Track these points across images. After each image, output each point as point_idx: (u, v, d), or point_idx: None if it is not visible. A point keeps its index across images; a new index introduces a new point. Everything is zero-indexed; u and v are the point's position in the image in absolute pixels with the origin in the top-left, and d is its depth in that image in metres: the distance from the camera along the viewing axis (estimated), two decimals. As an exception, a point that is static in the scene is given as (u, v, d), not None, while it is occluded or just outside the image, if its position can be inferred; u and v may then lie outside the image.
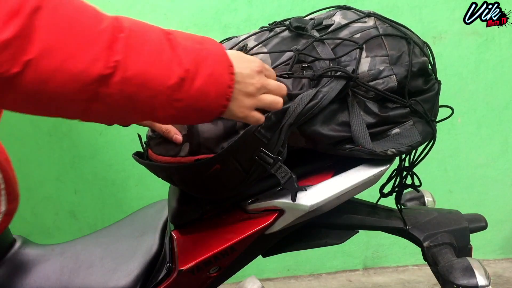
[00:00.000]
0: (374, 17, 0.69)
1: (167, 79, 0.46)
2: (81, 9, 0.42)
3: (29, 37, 0.38)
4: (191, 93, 0.48)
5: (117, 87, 0.43)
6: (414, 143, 0.66)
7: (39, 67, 0.39)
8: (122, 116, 0.48)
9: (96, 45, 0.41)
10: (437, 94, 0.70)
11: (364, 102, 0.64)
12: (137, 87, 0.44)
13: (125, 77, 0.43)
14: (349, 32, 0.67)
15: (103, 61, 0.41)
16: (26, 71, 0.38)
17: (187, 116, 0.51)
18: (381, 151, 0.65)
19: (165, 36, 0.48)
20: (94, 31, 0.41)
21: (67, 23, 0.40)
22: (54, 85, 0.40)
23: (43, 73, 0.39)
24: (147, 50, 0.44)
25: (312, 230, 0.80)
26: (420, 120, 0.67)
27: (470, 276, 0.68)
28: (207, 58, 0.49)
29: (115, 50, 0.42)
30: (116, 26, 0.43)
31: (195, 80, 0.48)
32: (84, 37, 0.40)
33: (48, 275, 0.74)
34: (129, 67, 0.43)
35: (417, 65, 0.66)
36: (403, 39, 0.67)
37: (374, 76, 0.64)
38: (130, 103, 0.45)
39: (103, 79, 0.41)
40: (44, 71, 0.39)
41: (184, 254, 0.69)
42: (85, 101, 0.42)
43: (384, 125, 0.65)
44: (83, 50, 0.40)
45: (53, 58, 0.39)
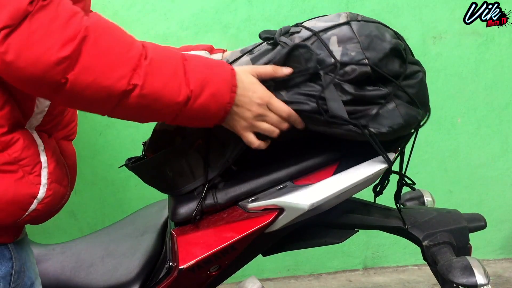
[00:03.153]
0: (346, 14, 0.70)
1: (175, 97, 0.58)
2: (117, 38, 0.55)
3: (76, 58, 0.50)
4: (194, 107, 0.59)
5: (135, 100, 0.55)
6: (395, 124, 0.66)
7: (79, 80, 0.51)
8: (138, 118, 0.61)
9: (124, 67, 0.53)
10: (421, 82, 0.70)
11: (340, 85, 0.65)
12: (151, 101, 0.57)
13: (142, 94, 0.55)
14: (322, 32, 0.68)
15: (127, 80, 0.53)
16: (69, 82, 0.51)
17: (191, 122, 0.64)
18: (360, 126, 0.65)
19: (182, 61, 0.59)
20: (124, 56, 0.54)
21: (105, 49, 0.52)
22: (89, 93, 0.53)
23: (82, 85, 0.52)
24: (163, 74, 0.57)
25: (312, 229, 0.81)
26: (404, 104, 0.67)
27: (469, 275, 0.68)
28: (212, 80, 0.60)
29: (138, 72, 0.54)
30: (142, 54, 0.55)
31: (199, 98, 0.59)
32: (115, 61, 0.53)
33: (49, 275, 0.75)
34: (146, 87, 0.55)
35: (389, 45, 0.65)
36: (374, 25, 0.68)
37: (346, 62, 0.64)
38: (145, 111, 0.58)
39: (125, 93, 0.54)
40: (83, 83, 0.52)
41: (185, 253, 0.69)
42: (111, 106, 0.56)
43: (361, 105, 0.65)
44: (113, 70, 0.53)
45: (89, 75, 0.51)
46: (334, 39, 0.66)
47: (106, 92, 0.53)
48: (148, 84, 0.55)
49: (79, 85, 0.51)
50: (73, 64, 0.50)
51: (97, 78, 0.52)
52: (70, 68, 0.50)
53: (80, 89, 0.52)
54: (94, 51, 0.51)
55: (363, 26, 0.67)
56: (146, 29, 1.58)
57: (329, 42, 0.66)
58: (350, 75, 0.64)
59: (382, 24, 0.69)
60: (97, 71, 0.51)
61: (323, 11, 1.61)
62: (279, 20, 1.62)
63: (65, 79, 0.50)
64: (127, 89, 0.53)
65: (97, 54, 0.51)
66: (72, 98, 0.54)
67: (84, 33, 0.50)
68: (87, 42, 0.50)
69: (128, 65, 0.53)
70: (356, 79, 0.64)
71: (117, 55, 0.53)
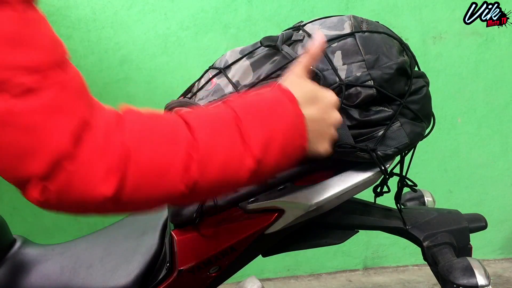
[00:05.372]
0: (350, 21, 0.67)
1: (240, 175, 0.49)
2: (159, 139, 0.45)
3: (122, 186, 0.42)
4: (264, 170, 0.51)
5: (196, 194, 0.48)
6: (401, 145, 0.66)
7: (130, 201, 0.44)
8: None
9: (173, 170, 0.45)
10: (425, 97, 0.69)
11: (345, 110, 0.64)
12: (215, 190, 0.51)
13: (201, 188, 0.47)
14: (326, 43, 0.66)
15: (183, 184, 0.46)
16: (119, 207, 0.45)
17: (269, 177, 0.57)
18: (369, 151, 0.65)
19: (235, 124, 0.50)
20: (171, 161, 0.45)
21: (150, 160, 0.44)
22: (145, 206, 0.48)
23: (134, 203, 0.45)
24: (219, 157, 0.48)
25: (312, 230, 0.80)
26: (408, 121, 0.67)
27: (470, 276, 0.68)
28: (277, 135, 0.51)
29: (190, 169, 0.46)
30: (188, 143, 0.46)
31: (265, 161, 0.50)
32: (162, 167, 0.45)
33: (48, 275, 0.74)
34: (203, 178, 0.47)
35: (395, 65, 0.64)
36: (380, 42, 0.66)
37: (351, 84, 0.63)
38: (210, 195, 0.56)
39: (183, 193, 0.46)
40: (134, 201, 0.45)
41: (184, 254, 0.69)
42: None
43: (366, 128, 0.65)
44: (163, 178, 0.45)
45: (140, 192, 0.44)
46: (338, 54, 0.65)
47: (162, 200, 0.47)
48: (205, 175, 0.47)
49: (129, 204, 0.45)
50: (121, 190, 0.42)
51: (149, 193, 0.45)
52: (117, 195, 0.43)
53: (131, 206, 0.46)
54: (138, 167, 0.43)
55: (368, 39, 0.65)
56: (146, 29, 1.58)
57: (334, 57, 0.65)
58: (355, 100, 0.63)
59: (388, 34, 0.68)
60: (147, 186, 0.44)
61: (323, 11, 1.62)
62: (279, 20, 1.61)
63: (113, 203, 0.43)
64: (185, 192, 0.46)
65: (142, 169, 0.44)
66: (126, 210, 0.48)
67: (125, 152, 0.42)
68: (128, 162, 0.43)
69: (178, 165, 0.45)
70: (362, 102, 0.64)
71: (164, 161, 0.45)
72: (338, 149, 0.64)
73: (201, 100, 0.71)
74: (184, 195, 0.46)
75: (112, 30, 1.57)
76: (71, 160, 0.40)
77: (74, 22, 1.54)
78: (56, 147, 0.39)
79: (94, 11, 1.55)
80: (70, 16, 1.54)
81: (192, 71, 1.60)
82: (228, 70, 0.72)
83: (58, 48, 0.43)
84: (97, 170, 0.41)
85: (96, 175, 0.41)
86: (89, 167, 0.41)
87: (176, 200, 0.48)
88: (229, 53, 0.76)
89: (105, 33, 1.57)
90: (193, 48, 1.61)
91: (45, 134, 0.39)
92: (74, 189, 0.41)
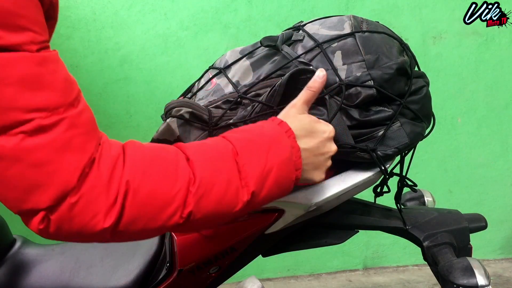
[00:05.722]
0: (350, 21, 0.67)
1: (234, 207, 0.51)
2: (160, 175, 0.47)
3: (120, 218, 0.44)
4: (257, 202, 0.53)
5: (190, 225, 0.49)
6: (401, 145, 0.66)
7: (126, 233, 0.45)
8: None
9: (172, 205, 0.47)
10: (425, 97, 0.69)
11: (345, 110, 0.64)
12: (208, 222, 0.51)
13: (196, 219, 0.49)
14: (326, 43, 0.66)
15: (178, 215, 0.47)
16: (115, 237, 0.46)
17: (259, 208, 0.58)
18: (370, 151, 0.65)
19: (234, 159, 0.51)
20: (170, 193, 0.47)
21: (149, 195, 0.45)
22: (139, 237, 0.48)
23: (129, 233, 0.46)
24: (216, 191, 0.49)
25: (312, 230, 0.80)
26: (408, 121, 0.67)
27: (470, 276, 0.68)
28: (272, 169, 0.53)
29: (188, 203, 0.47)
30: (190, 180, 0.48)
31: (260, 194, 0.52)
32: (162, 203, 0.46)
33: (48, 275, 0.74)
34: (199, 212, 0.48)
35: (395, 65, 0.64)
36: (380, 42, 0.66)
37: (351, 84, 0.63)
38: (203, 227, 0.55)
39: (177, 225, 0.48)
40: (130, 232, 0.46)
41: (184, 254, 0.69)
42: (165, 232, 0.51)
43: (366, 128, 0.65)
44: (161, 212, 0.46)
45: (136, 225, 0.45)
46: (338, 54, 0.65)
47: (157, 231, 0.48)
48: (201, 209, 0.48)
49: (125, 234, 0.46)
50: (118, 224, 0.44)
51: (145, 225, 0.46)
52: (115, 228, 0.44)
53: (127, 237, 0.47)
54: (137, 203, 0.45)
55: (368, 39, 0.65)
56: (146, 29, 1.58)
57: (334, 57, 0.65)
58: (355, 100, 0.63)
59: (388, 34, 0.68)
60: (144, 219, 0.45)
61: (323, 11, 1.62)
62: (279, 20, 1.62)
63: (110, 235, 0.45)
64: (179, 223, 0.48)
65: (141, 204, 0.45)
66: (121, 240, 0.48)
67: (125, 188, 0.44)
68: (129, 197, 0.44)
69: (177, 201, 0.47)
70: (362, 102, 0.63)
71: (163, 195, 0.46)
72: (338, 149, 0.64)
73: (201, 100, 0.71)
74: (178, 225, 0.48)
75: (112, 30, 1.57)
76: (74, 194, 0.41)
77: (74, 22, 1.54)
78: (63, 182, 0.41)
79: (94, 11, 1.55)
80: (70, 16, 1.54)
81: (192, 71, 1.60)
82: (228, 70, 0.72)
83: (71, 87, 0.44)
84: (97, 204, 0.42)
85: (96, 209, 0.42)
86: (90, 201, 0.42)
87: (170, 230, 0.49)
88: (229, 53, 0.76)
89: (105, 33, 1.57)
90: (193, 48, 1.61)
91: (53, 170, 0.40)
92: (74, 221, 0.42)
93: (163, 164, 0.47)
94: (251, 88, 0.66)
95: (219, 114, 0.65)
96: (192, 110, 0.65)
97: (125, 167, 0.45)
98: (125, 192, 0.44)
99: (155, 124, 1.60)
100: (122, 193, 0.43)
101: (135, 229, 0.46)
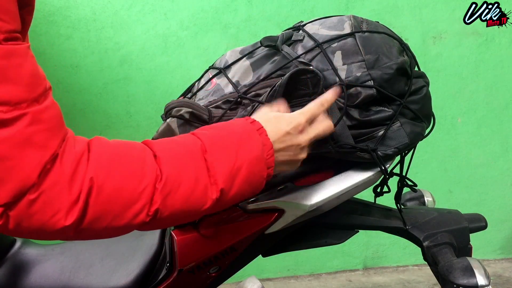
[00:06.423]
0: (350, 22, 0.67)
1: (203, 205, 0.50)
2: (126, 171, 0.46)
3: (83, 216, 0.43)
4: (228, 199, 0.52)
5: (157, 223, 0.48)
6: (401, 145, 0.66)
7: (89, 230, 0.44)
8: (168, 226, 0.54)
9: (139, 203, 0.46)
10: (425, 97, 0.69)
11: (346, 110, 0.64)
12: (176, 219, 0.50)
13: (163, 217, 0.48)
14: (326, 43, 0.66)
15: (145, 213, 0.46)
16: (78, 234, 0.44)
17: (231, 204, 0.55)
18: (370, 151, 0.65)
19: (202, 156, 0.50)
20: (137, 191, 0.45)
21: (114, 192, 0.44)
22: (104, 234, 0.47)
23: (92, 231, 0.45)
24: (183, 189, 0.48)
25: (312, 230, 0.80)
26: (408, 121, 0.67)
27: (470, 276, 0.68)
28: (242, 166, 0.52)
29: (154, 201, 0.46)
30: (157, 177, 0.47)
31: (230, 192, 0.51)
32: (128, 200, 0.45)
33: (48, 275, 0.74)
34: (166, 209, 0.47)
35: (395, 65, 0.64)
36: (380, 42, 0.66)
37: (351, 84, 0.63)
38: (172, 224, 0.52)
39: (144, 223, 0.47)
40: (93, 230, 0.45)
41: (184, 254, 0.69)
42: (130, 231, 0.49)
43: (366, 128, 0.65)
44: (127, 210, 0.45)
45: (101, 223, 0.44)
46: (338, 54, 0.65)
47: (123, 229, 0.47)
48: (168, 207, 0.47)
49: (89, 232, 0.45)
50: (81, 221, 0.43)
51: (110, 223, 0.45)
52: (78, 226, 0.43)
53: (91, 234, 0.46)
54: (102, 200, 0.44)
55: (368, 39, 0.65)
56: (146, 29, 1.58)
57: (334, 57, 0.65)
58: (355, 100, 0.63)
59: (388, 34, 0.68)
60: (109, 217, 0.44)
61: (323, 11, 1.62)
62: (279, 20, 1.62)
63: (73, 232, 0.44)
64: (145, 221, 0.47)
65: (106, 201, 0.44)
66: (85, 238, 0.47)
67: (89, 185, 0.43)
68: (92, 195, 0.43)
69: (143, 198, 0.46)
70: (362, 102, 0.64)
71: (129, 193, 0.45)
72: (338, 149, 0.64)
73: (201, 100, 0.71)
74: (144, 224, 0.47)
75: (112, 30, 1.57)
76: (34, 191, 0.40)
77: (74, 22, 1.54)
78: (22, 179, 0.40)
79: (94, 11, 1.55)
80: (70, 16, 1.54)
81: (192, 71, 1.60)
82: (228, 70, 0.72)
83: (37, 82, 0.42)
84: (59, 201, 0.41)
85: (57, 206, 0.41)
86: (51, 198, 0.41)
87: (136, 228, 0.48)
88: (229, 53, 0.76)
89: (105, 33, 1.57)
90: (193, 48, 1.61)
91: (12, 165, 0.39)
92: (34, 218, 0.41)
93: (129, 160, 0.46)
94: (251, 88, 0.66)
95: (219, 114, 0.65)
96: (192, 110, 0.65)
97: (90, 163, 0.43)
98: (88, 189, 0.43)
99: (155, 124, 1.60)
100: (85, 190, 0.42)
101: (99, 227, 0.44)
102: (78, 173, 0.42)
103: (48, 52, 1.54)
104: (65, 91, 1.55)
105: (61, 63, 1.56)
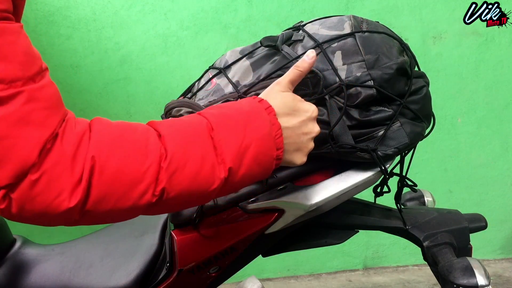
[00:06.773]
0: (350, 22, 0.67)
1: (211, 184, 0.49)
2: (129, 150, 0.45)
3: (87, 196, 0.42)
4: (236, 180, 0.51)
5: (164, 204, 0.47)
6: (401, 145, 0.66)
7: (95, 212, 0.43)
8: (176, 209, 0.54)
9: (144, 182, 0.45)
10: (425, 97, 0.69)
11: (346, 110, 0.64)
12: (184, 201, 0.49)
13: (170, 198, 0.46)
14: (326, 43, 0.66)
15: (151, 193, 0.45)
16: (84, 217, 0.44)
17: (240, 187, 0.55)
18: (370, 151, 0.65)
19: (209, 135, 0.49)
20: (141, 169, 0.44)
21: (118, 172, 0.43)
22: (110, 217, 0.46)
23: (99, 213, 0.44)
24: (190, 167, 0.47)
25: (312, 230, 0.80)
26: (408, 121, 0.67)
27: (470, 276, 0.68)
28: (251, 144, 0.51)
29: (160, 180, 0.45)
30: (161, 155, 0.46)
31: (239, 171, 0.50)
32: (130, 180, 0.44)
33: (48, 275, 0.74)
34: (173, 189, 0.46)
35: (395, 65, 0.64)
36: (380, 42, 0.66)
37: (351, 84, 0.63)
38: (179, 207, 0.51)
39: (150, 204, 0.46)
40: (99, 212, 0.44)
41: (184, 254, 0.69)
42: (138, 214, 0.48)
43: (366, 128, 0.65)
44: (132, 190, 0.44)
45: (106, 204, 0.43)
46: (338, 54, 0.65)
47: (129, 211, 0.46)
48: (174, 186, 0.46)
49: (96, 215, 0.44)
50: (85, 203, 0.42)
51: (115, 205, 0.44)
52: (83, 208, 0.42)
53: (97, 217, 0.45)
54: (105, 180, 0.43)
55: (368, 39, 0.65)
56: (146, 29, 1.58)
57: (334, 57, 0.65)
58: (355, 100, 0.63)
59: (388, 34, 0.68)
60: (113, 198, 0.44)
61: (323, 11, 1.62)
62: (279, 20, 1.62)
63: (78, 215, 0.43)
64: (152, 201, 0.46)
65: (109, 181, 0.43)
66: (91, 222, 0.46)
67: (91, 164, 0.42)
68: (95, 174, 0.42)
69: (148, 177, 0.45)
70: (362, 102, 0.64)
71: (133, 171, 0.44)
72: (338, 149, 0.64)
73: (201, 100, 0.71)
74: (151, 205, 0.46)
75: (112, 30, 1.57)
76: (36, 171, 0.39)
77: (74, 22, 1.54)
78: (22, 158, 0.39)
79: (94, 11, 1.55)
80: (70, 16, 1.54)
81: (192, 71, 1.60)
82: (228, 70, 0.72)
83: (32, 61, 0.42)
84: (62, 181, 0.41)
85: (60, 187, 0.41)
86: (53, 178, 0.40)
87: (143, 210, 0.47)
88: (229, 53, 0.76)
89: (105, 33, 1.57)
90: (193, 48, 1.61)
91: (11, 145, 0.39)
92: (37, 199, 0.40)
93: (132, 139, 0.45)
94: (251, 88, 0.66)
95: None
96: (192, 110, 0.65)
97: (91, 142, 0.43)
98: (91, 168, 0.42)
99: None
100: (88, 170, 0.41)
101: (104, 209, 0.43)
102: (80, 153, 0.42)
103: (48, 52, 1.54)
104: (65, 91, 1.55)
105: (61, 63, 1.56)
